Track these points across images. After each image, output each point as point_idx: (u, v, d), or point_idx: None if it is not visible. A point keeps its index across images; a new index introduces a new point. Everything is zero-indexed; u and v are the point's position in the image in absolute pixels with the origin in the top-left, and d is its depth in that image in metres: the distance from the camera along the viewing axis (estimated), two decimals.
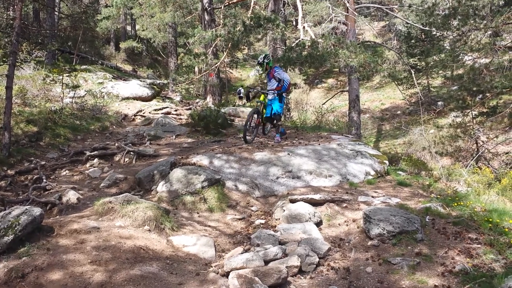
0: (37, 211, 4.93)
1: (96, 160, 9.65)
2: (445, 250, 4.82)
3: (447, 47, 19.91)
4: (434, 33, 20.08)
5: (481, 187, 8.16)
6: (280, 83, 9.38)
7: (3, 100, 10.20)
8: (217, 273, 4.48)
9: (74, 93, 13.86)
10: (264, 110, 9.70)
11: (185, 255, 5.01)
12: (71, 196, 7.12)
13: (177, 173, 7.27)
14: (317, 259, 4.77)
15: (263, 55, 9.79)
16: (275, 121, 9.81)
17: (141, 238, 5.01)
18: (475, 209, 5.84)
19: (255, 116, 9.56)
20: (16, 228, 4.61)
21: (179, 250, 5.11)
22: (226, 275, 4.39)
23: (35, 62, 15.82)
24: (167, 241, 5.25)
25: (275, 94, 9.49)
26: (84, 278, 4.11)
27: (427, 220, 5.62)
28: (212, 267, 4.74)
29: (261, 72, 9.61)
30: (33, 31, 16.97)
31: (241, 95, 9.88)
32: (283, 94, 9.74)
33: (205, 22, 17.17)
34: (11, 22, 15.88)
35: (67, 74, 13.45)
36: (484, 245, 4.87)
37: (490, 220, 5.39)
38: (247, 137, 9.24)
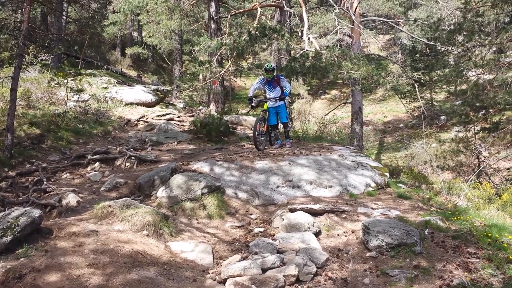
0: (36, 212, 4.94)
1: (97, 164, 9.68)
2: (444, 263, 4.80)
3: (451, 62, 19.96)
4: (439, 48, 20.15)
5: (481, 202, 8.15)
6: (283, 90, 9.93)
7: (7, 102, 10.26)
8: (214, 280, 4.48)
9: (78, 97, 13.93)
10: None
11: (183, 261, 5.01)
12: (71, 199, 7.14)
13: (177, 179, 7.28)
14: (315, 269, 4.76)
15: (272, 63, 10.24)
16: (286, 128, 10.50)
17: (139, 243, 5.01)
18: (475, 224, 5.83)
19: (262, 123, 9.78)
20: (15, 229, 4.62)
21: (177, 256, 5.11)
22: (223, 282, 4.39)
23: (40, 65, 15.95)
24: (165, 246, 5.25)
25: (279, 101, 9.98)
26: (81, 281, 4.11)
27: (426, 233, 5.61)
28: (209, 273, 4.74)
29: (266, 78, 9.91)
30: (40, 34, 17.10)
31: (253, 104, 10.19)
32: (286, 103, 10.31)
33: (211, 30, 17.27)
34: (19, 24, 16.01)
35: (72, 78, 13.55)
36: (483, 259, 4.85)
37: (490, 235, 5.37)
38: (259, 146, 9.43)
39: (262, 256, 4.90)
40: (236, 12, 18.34)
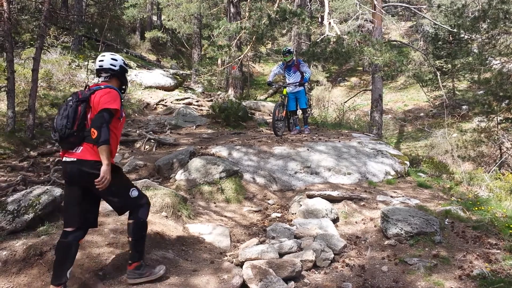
0: (57, 191, 5.01)
1: None
2: (463, 253, 4.73)
3: (475, 50, 19.54)
4: (462, 35, 19.70)
5: (503, 193, 7.99)
6: (303, 75, 9.85)
7: (29, 83, 10.38)
8: (232, 263, 4.50)
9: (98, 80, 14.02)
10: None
11: (201, 243, 5.03)
12: None
13: (196, 163, 7.30)
14: (332, 255, 4.74)
15: (289, 47, 10.20)
16: (304, 114, 10.47)
17: (158, 224, 5.04)
18: (496, 215, 5.73)
19: (281, 108, 9.74)
20: (36, 207, 4.69)
21: (195, 238, 5.14)
22: (240, 265, 4.40)
23: (61, 47, 16.08)
24: (184, 228, 5.28)
25: (298, 86, 9.93)
26: (101, 260, 4.16)
27: (446, 222, 5.54)
28: (226, 256, 4.76)
29: (285, 61, 9.81)
30: (61, 16, 17.19)
31: (276, 85, 10.25)
32: (305, 88, 10.29)
33: (231, 14, 17.17)
34: (40, 6, 16.11)
35: (92, 61, 13.64)
36: (504, 250, 4.78)
37: (511, 226, 5.28)
38: (277, 131, 9.40)
39: (279, 240, 4.90)
40: None
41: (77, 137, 3.64)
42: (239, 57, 14.25)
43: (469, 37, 18.62)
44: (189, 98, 16.40)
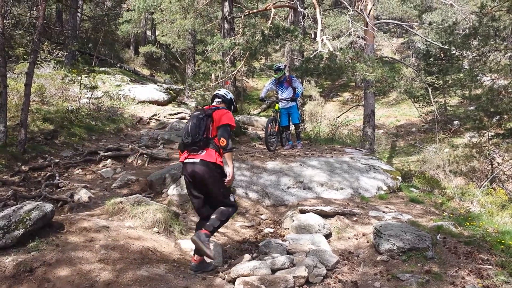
0: (48, 207, 4.96)
1: (109, 160, 9.72)
2: (456, 269, 4.74)
3: (466, 67, 19.74)
4: (454, 52, 19.92)
5: (495, 208, 8.03)
6: (295, 91, 9.88)
7: (21, 97, 10.37)
8: (224, 279, 4.47)
9: (92, 94, 14.03)
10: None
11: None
12: (83, 194, 7.18)
13: None
14: (325, 271, 4.72)
15: (279, 64, 10.26)
16: (297, 129, 10.49)
17: (150, 240, 5.02)
18: (488, 230, 5.75)
19: (273, 123, 9.77)
20: (27, 223, 4.64)
21: (187, 253, 5.11)
22: (232, 281, 4.37)
23: (55, 61, 16.08)
24: (175, 244, 5.25)
25: (290, 102, 9.93)
26: (91, 276, 4.12)
27: (438, 238, 5.55)
28: (219, 272, 4.72)
29: (277, 78, 9.85)
30: (55, 31, 17.25)
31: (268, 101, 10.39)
32: (298, 104, 10.31)
33: (225, 30, 17.28)
34: (34, 21, 16.16)
35: (85, 75, 13.66)
36: (496, 266, 4.79)
37: (503, 241, 5.30)
38: (270, 146, 9.41)
39: (271, 256, 4.89)
40: (250, 12, 18.32)
41: (204, 142, 4.64)
42: (233, 72, 14.32)
43: (460, 53, 18.82)
44: (182, 112, 16.44)
